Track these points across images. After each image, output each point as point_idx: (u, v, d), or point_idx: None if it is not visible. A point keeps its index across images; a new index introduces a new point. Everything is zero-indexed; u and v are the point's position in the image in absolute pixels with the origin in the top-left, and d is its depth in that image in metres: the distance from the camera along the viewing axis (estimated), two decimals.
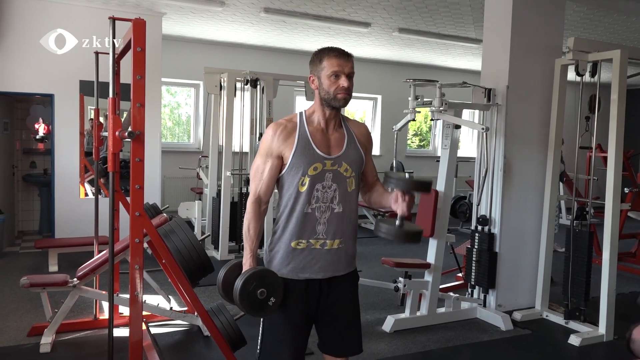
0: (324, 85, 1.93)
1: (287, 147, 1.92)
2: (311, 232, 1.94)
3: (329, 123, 1.99)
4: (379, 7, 5.89)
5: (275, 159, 1.94)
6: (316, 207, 1.93)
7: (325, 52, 1.94)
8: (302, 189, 1.92)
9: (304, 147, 1.92)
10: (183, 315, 3.78)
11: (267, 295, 1.90)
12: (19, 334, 3.65)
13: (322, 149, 1.94)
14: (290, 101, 8.65)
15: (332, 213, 1.95)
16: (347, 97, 1.92)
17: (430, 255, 4.15)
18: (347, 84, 1.91)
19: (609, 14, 5.94)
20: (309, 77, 1.99)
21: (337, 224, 1.96)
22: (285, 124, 1.96)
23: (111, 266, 2.61)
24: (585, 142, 4.40)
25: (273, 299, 1.91)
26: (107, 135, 2.48)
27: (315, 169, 1.91)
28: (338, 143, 1.98)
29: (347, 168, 1.97)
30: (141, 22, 2.37)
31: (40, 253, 5.63)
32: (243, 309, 1.91)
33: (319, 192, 1.93)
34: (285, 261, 1.97)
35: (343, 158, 1.96)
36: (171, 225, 3.40)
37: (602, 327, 3.89)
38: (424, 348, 3.69)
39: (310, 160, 1.91)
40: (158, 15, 6.27)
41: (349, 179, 1.98)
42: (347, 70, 1.91)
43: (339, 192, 1.95)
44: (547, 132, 4.40)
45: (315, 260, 1.96)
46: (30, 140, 7.08)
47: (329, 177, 1.94)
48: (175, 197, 7.67)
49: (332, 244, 1.96)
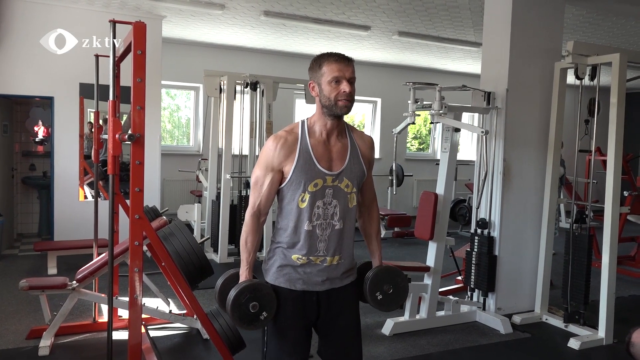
0: (324, 92, 1.87)
1: (288, 162, 1.88)
2: (312, 249, 1.92)
3: (331, 134, 1.94)
4: (379, 11, 5.90)
5: (276, 173, 1.90)
6: (317, 224, 1.91)
7: (325, 57, 1.89)
8: (303, 205, 1.89)
9: (305, 163, 1.88)
10: (182, 318, 3.78)
11: (259, 309, 1.89)
12: (17, 337, 3.65)
13: (324, 164, 1.90)
14: (290, 104, 8.65)
15: (332, 230, 1.93)
16: (348, 104, 1.86)
17: (429, 258, 4.14)
18: (348, 89, 1.85)
19: (608, 17, 5.95)
20: (309, 83, 1.94)
21: (338, 240, 1.94)
22: (286, 136, 1.90)
23: (110, 269, 2.61)
24: (584, 146, 4.40)
25: (265, 313, 1.90)
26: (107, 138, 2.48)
27: (315, 185, 1.88)
28: (340, 156, 1.94)
29: (348, 184, 1.94)
30: (142, 25, 2.37)
31: (39, 256, 5.63)
32: (234, 320, 1.91)
33: (320, 209, 1.90)
34: (283, 271, 1.95)
35: (345, 174, 1.93)
36: (171, 228, 3.39)
37: (602, 331, 3.89)
38: (423, 351, 3.69)
39: (310, 176, 1.88)
40: (158, 18, 6.28)
41: (350, 195, 1.95)
42: (348, 75, 1.86)
43: (340, 208, 1.93)
44: (547, 136, 4.40)
45: (313, 274, 1.94)
46: (30, 142, 7.08)
47: (330, 193, 1.91)
48: (175, 199, 7.68)
49: (332, 260, 1.95)
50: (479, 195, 4.30)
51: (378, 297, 2.06)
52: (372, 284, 2.05)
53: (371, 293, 2.06)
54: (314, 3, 5.69)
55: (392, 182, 4.44)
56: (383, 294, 2.07)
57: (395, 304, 2.12)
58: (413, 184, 9.58)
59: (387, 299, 2.08)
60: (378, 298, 2.06)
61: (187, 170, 7.70)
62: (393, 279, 2.10)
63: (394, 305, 2.13)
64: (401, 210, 8.41)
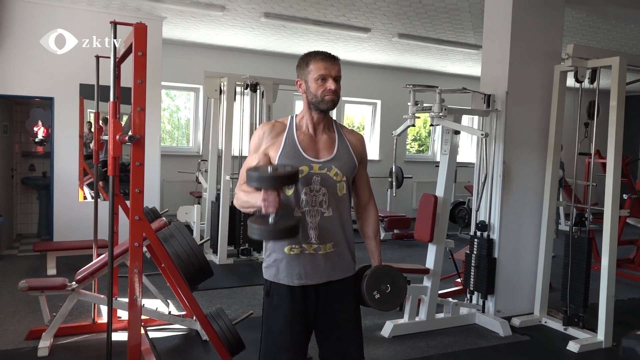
0: (311, 89, 1.94)
1: (274, 147, 1.95)
2: (304, 236, 1.93)
3: (317, 127, 2.00)
4: (379, 13, 5.91)
5: (263, 157, 1.96)
6: (306, 210, 1.93)
7: (312, 55, 1.96)
8: (289, 192, 1.93)
9: (290, 150, 1.94)
10: (182, 319, 3.78)
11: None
12: (17, 338, 3.64)
13: (310, 153, 1.95)
14: (289, 106, 8.66)
15: (322, 217, 1.95)
16: (334, 98, 1.94)
17: (429, 260, 4.14)
18: (334, 86, 1.92)
19: (608, 21, 5.97)
20: (297, 81, 2.01)
21: (328, 228, 1.96)
22: (275, 124, 2.01)
23: (110, 270, 2.61)
24: (584, 148, 4.41)
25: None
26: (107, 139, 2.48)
27: (301, 172, 1.90)
28: (327, 147, 1.99)
29: (338, 172, 1.97)
30: (142, 27, 2.38)
31: (39, 256, 5.63)
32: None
33: (307, 196, 1.93)
34: (281, 267, 1.95)
35: (333, 162, 1.97)
36: (170, 230, 3.40)
37: (601, 334, 3.88)
38: (422, 354, 3.68)
39: (295, 162, 1.91)
40: (158, 20, 6.29)
41: (339, 184, 1.97)
42: (334, 74, 1.93)
43: (329, 196, 1.95)
44: (546, 138, 4.41)
45: (310, 265, 1.94)
46: (30, 143, 7.08)
47: (317, 180, 1.94)
48: (175, 201, 7.67)
49: (325, 248, 1.96)
50: (479, 197, 4.30)
51: (376, 296, 2.06)
52: (369, 282, 2.05)
53: (369, 292, 2.05)
54: (314, 5, 5.70)
55: (392, 184, 4.43)
56: (381, 293, 2.06)
57: (394, 303, 2.11)
58: (413, 186, 9.59)
59: (385, 298, 2.07)
60: (376, 297, 2.06)
61: (187, 171, 7.71)
62: (391, 278, 2.09)
63: (392, 305, 2.11)
64: (401, 212, 8.40)
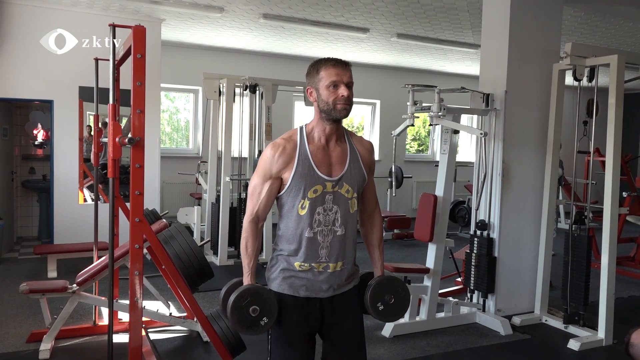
0: (322, 97, 1.86)
1: (287, 169, 1.87)
2: (314, 256, 1.90)
3: (330, 139, 1.93)
4: (378, 13, 5.91)
5: (274, 181, 1.89)
6: (318, 230, 1.89)
7: (322, 62, 1.89)
8: (302, 212, 1.88)
9: (304, 169, 1.87)
10: (182, 321, 3.78)
11: (259, 313, 1.86)
12: (18, 341, 3.65)
13: (323, 170, 1.89)
14: (289, 106, 8.66)
15: (334, 236, 1.91)
16: (347, 107, 1.86)
17: (429, 260, 4.15)
18: (346, 93, 1.84)
19: (606, 19, 5.97)
20: (307, 89, 1.92)
21: (340, 246, 1.93)
22: (285, 144, 1.89)
23: (111, 272, 2.62)
24: (583, 147, 4.42)
25: (266, 319, 1.87)
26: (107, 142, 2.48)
27: (315, 192, 1.87)
28: (340, 161, 1.92)
29: (349, 189, 1.93)
30: (141, 29, 2.38)
31: (39, 259, 5.63)
32: (232, 323, 1.90)
33: (320, 216, 1.89)
34: (286, 278, 1.93)
35: (345, 179, 1.91)
36: (171, 231, 3.40)
37: (602, 332, 3.89)
38: (423, 353, 3.69)
39: (310, 182, 1.86)
40: (157, 21, 6.29)
41: (351, 200, 1.94)
42: (346, 80, 1.86)
43: (341, 214, 1.91)
44: (546, 137, 4.41)
45: (316, 281, 1.93)
46: (29, 146, 7.08)
47: (330, 199, 1.90)
48: (174, 202, 7.67)
49: (335, 266, 1.93)
50: (478, 196, 4.30)
51: (379, 307, 2.04)
52: (373, 294, 2.03)
53: (372, 304, 2.04)
54: (312, 6, 5.70)
55: (392, 183, 4.43)
56: (384, 305, 2.05)
57: (397, 314, 2.11)
58: (412, 186, 9.59)
59: (389, 310, 2.06)
60: (379, 309, 2.04)
61: (187, 173, 7.70)
62: (394, 289, 2.08)
63: (396, 316, 2.13)
64: (401, 211, 8.41)
